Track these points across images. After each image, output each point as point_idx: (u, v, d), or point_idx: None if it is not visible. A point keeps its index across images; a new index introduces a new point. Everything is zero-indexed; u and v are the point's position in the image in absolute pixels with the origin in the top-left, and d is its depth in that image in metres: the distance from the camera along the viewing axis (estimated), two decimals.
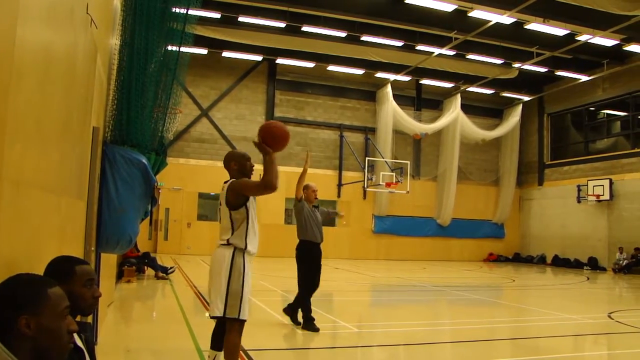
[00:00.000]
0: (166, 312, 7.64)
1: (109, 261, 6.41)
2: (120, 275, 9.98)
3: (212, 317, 3.74)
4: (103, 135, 4.27)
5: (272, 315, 7.27)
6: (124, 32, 4.43)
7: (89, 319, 3.79)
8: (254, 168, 3.92)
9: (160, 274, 10.89)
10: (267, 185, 3.48)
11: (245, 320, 3.66)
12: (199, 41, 16.67)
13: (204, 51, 18.98)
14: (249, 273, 3.71)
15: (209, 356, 4.04)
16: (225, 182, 3.82)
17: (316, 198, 6.50)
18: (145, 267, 11.28)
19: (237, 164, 3.82)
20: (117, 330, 6.06)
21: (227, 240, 3.67)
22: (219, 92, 20.78)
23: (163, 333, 5.98)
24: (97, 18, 3.32)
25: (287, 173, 17.29)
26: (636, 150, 19.86)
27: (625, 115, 21.10)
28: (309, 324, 6.13)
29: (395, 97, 21.79)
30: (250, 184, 3.70)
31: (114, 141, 4.38)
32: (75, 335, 1.73)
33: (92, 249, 3.87)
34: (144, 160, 4.28)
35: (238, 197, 3.67)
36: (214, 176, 19.15)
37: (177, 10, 4.84)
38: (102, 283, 4.67)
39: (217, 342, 3.99)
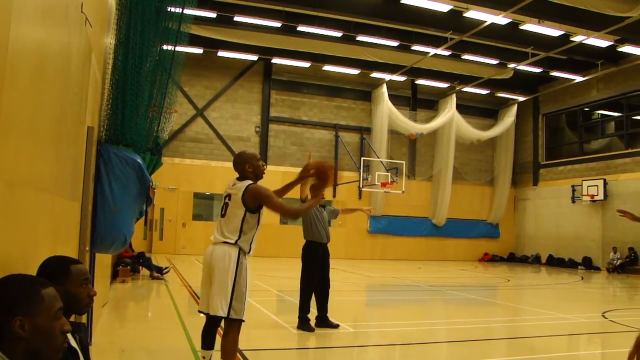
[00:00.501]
0: (161, 312, 7.62)
1: (104, 261, 6.39)
2: (115, 275, 9.94)
3: (211, 316, 3.73)
4: (98, 135, 4.25)
5: (268, 316, 7.27)
6: (119, 31, 4.41)
7: (84, 319, 3.78)
8: (265, 167, 4.01)
9: (155, 274, 10.86)
10: (296, 217, 4.03)
11: (244, 320, 3.72)
12: (194, 40, 16.58)
13: (199, 51, 18.93)
14: (249, 273, 3.79)
15: (203, 357, 4.01)
16: (239, 179, 3.86)
17: (323, 198, 6.48)
18: (140, 267, 11.24)
19: (251, 166, 3.88)
20: (111, 330, 6.03)
21: (235, 241, 3.72)
22: (214, 91, 20.73)
23: (158, 333, 5.96)
24: (92, 17, 3.31)
25: (283, 173, 17.27)
26: (630, 150, 19.97)
27: (619, 116, 21.22)
28: (305, 324, 6.12)
29: (390, 97, 21.79)
30: (277, 203, 3.77)
31: (108, 141, 4.35)
32: (70, 336, 1.72)
33: (87, 248, 3.85)
34: (139, 160, 4.26)
35: (255, 202, 3.74)
36: (209, 176, 19.27)
37: (173, 9, 4.83)
38: (96, 283, 4.65)
39: (209, 340, 3.97)
